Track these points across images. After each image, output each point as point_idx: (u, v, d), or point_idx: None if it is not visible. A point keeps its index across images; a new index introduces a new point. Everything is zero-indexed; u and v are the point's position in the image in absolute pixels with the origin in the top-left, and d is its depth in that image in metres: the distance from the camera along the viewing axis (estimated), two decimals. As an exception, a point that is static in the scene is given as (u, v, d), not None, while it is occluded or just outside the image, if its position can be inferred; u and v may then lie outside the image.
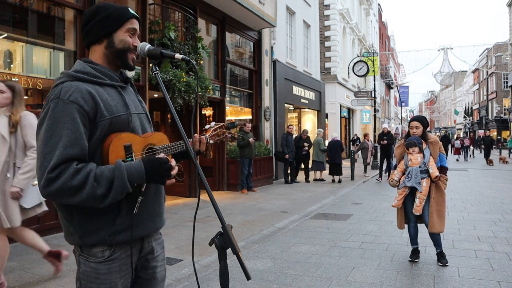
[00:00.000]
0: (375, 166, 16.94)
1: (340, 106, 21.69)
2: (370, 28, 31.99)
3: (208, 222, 6.23)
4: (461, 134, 42.84)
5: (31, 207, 3.39)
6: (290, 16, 15.03)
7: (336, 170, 12.18)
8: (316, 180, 12.50)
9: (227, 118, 10.40)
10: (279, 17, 12.80)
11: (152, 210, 1.58)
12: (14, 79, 5.50)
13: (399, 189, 4.32)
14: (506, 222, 6.27)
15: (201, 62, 8.96)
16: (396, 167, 4.49)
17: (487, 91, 48.93)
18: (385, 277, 3.91)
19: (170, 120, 9.40)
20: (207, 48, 8.98)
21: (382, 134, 12.91)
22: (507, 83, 41.02)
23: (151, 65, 1.60)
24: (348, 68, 21.95)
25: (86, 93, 1.40)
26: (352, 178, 12.74)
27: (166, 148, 1.59)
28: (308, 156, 12.55)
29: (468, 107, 61.71)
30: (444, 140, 24.84)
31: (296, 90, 14.95)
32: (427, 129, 4.51)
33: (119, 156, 1.43)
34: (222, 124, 1.90)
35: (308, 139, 12.42)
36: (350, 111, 24.89)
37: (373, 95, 19.11)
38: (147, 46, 1.56)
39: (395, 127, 40.77)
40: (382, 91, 37.38)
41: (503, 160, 20.61)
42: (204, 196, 2.42)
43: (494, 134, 37.87)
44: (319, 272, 4.08)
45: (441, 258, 4.23)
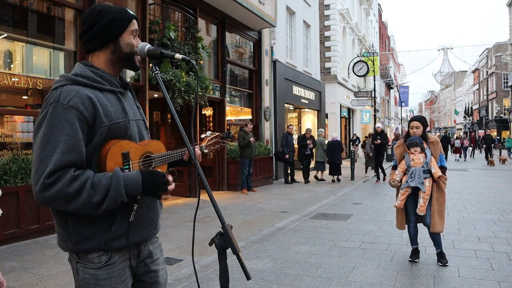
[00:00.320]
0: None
1: (340, 106, 21.69)
2: (370, 28, 31.99)
3: (208, 222, 6.23)
4: (461, 134, 42.84)
5: None
6: (290, 16, 15.03)
7: (335, 170, 12.26)
8: (318, 179, 12.51)
9: (227, 118, 10.41)
10: (279, 17, 12.80)
11: (147, 217, 1.57)
12: (14, 79, 5.51)
13: (401, 189, 4.30)
14: (506, 222, 6.27)
15: (201, 62, 8.96)
16: (395, 167, 4.48)
17: (487, 91, 48.94)
18: (385, 277, 3.91)
19: (170, 120, 9.40)
20: (207, 48, 8.98)
21: (376, 133, 12.59)
22: (507, 83, 41.01)
23: (151, 65, 1.59)
24: (348, 68, 21.96)
25: (86, 98, 1.38)
26: (352, 178, 12.74)
27: (163, 157, 1.59)
28: (311, 156, 12.35)
29: (468, 107, 61.71)
30: (444, 140, 24.85)
31: (296, 90, 14.96)
32: (427, 129, 4.51)
33: (117, 164, 1.42)
34: (218, 134, 1.93)
35: (312, 139, 12.14)
36: (350, 111, 24.88)
37: (373, 95, 19.12)
38: (147, 46, 1.55)
39: (395, 127, 40.77)
40: (382, 91, 37.38)
41: (503, 160, 20.61)
42: (204, 196, 2.42)
43: (494, 134, 37.85)
44: (319, 272, 4.08)
45: (441, 258, 4.23)
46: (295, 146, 12.58)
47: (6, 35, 5.62)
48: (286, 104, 14.31)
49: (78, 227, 1.40)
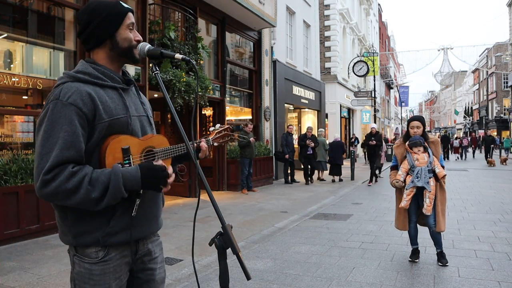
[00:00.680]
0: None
1: (340, 106, 21.70)
2: (370, 28, 31.99)
3: (208, 222, 6.23)
4: (461, 134, 42.81)
5: None
6: (290, 16, 15.03)
7: (336, 170, 12.30)
8: (319, 179, 12.50)
9: (227, 118, 10.41)
10: (279, 17, 12.80)
11: (149, 213, 1.57)
12: (14, 79, 5.51)
13: (406, 189, 4.27)
14: (506, 222, 6.27)
15: (201, 62, 8.96)
16: (395, 168, 4.47)
17: (487, 91, 48.93)
18: (385, 277, 3.91)
19: (170, 120, 9.40)
20: (207, 48, 8.98)
21: (370, 135, 12.05)
22: (507, 83, 41.00)
23: (151, 65, 1.59)
24: (348, 68, 21.96)
25: (86, 95, 1.40)
26: (352, 178, 12.74)
27: (166, 151, 1.57)
28: (314, 156, 11.93)
29: (468, 107, 61.70)
30: (444, 140, 24.85)
31: (296, 90, 14.96)
32: (426, 129, 4.52)
33: (116, 159, 1.42)
34: (228, 127, 1.87)
35: (313, 138, 11.74)
36: (350, 111, 24.89)
37: (373, 95, 19.12)
38: (147, 46, 1.55)
39: (395, 127, 40.75)
40: (382, 91, 37.38)
41: (504, 160, 20.57)
42: (204, 196, 2.42)
43: (494, 134, 37.82)
44: (319, 272, 4.07)
45: (441, 258, 4.23)
46: (295, 146, 12.53)
47: (6, 35, 5.62)
48: (286, 104, 14.31)
49: (77, 221, 1.42)
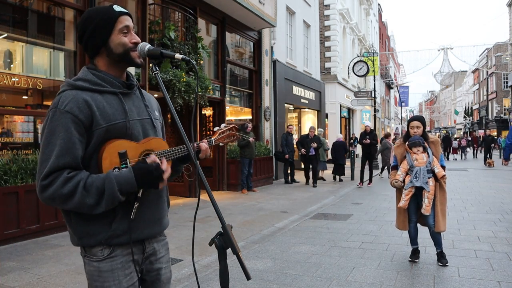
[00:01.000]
0: (375, 166, 16.92)
1: (340, 106, 21.70)
2: (370, 28, 31.99)
3: (208, 222, 6.23)
4: (461, 134, 42.79)
5: None
6: (290, 16, 15.03)
7: (338, 170, 12.43)
8: (319, 179, 12.52)
9: (227, 118, 10.40)
10: (279, 17, 12.80)
11: (150, 215, 1.57)
12: (14, 79, 5.51)
13: (405, 189, 4.28)
14: (506, 222, 6.27)
15: (201, 62, 8.96)
16: (395, 168, 4.48)
17: (487, 91, 48.93)
18: (385, 277, 3.91)
19: (170, 120, 9.40)
20: (207, 48, 8.98)
21: (365, 133, 11.61)
22: (507, 83, 41.00)
23: (151, 65, 1.59)
24: (348, 68, 21.95)
25: (82, 102, 1.43)
26: (352, 178, 12.74)
27: (164, 154, 1.56)
28: (317, 157, 11.45)
29: (468, 107, 61.71)
30: (445, 140, 24.83)
31: (296, 90, 14.96)
32: (426, 129, 4.52)
33: (113, 163, 1.44)
34: (233, 126, 1.85)
35: (317, 139, 11.31)
36: (350, 111, 24.89)
37: (373, 95, 19.10)
38: (147, 46, 1.55)
39: (395, 127, 40.77)
40: (382, 91, 37.38)
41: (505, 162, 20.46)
42: (204, 196, 2.42)
43: (494, 134, 37.82)
44: (319, 272, 4.07)
45: (441, 258, 4.23)
46: (295, 147, 12.51)
47: (6, 35, 5.62)
48: (286, 104, 14.31)
49: (80, 224, 1.47)
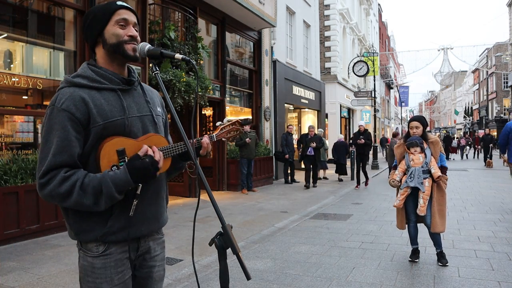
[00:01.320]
0: (375, 166, 16.95)
1: (340, 106, 21.68)
2: (370, 28, 31.98)
3: (208, 222, 6.23)
4: (461, 134, 42.81)
5: None
6: (290, 16, 15.03)
7: (341, 169, 12.71)
8: (320, 179, 12.55)
9: (227, 118, 10.40)
10: (279, 17, 12.80)
11: (148, 212, 1.57)
12: (14, 79, 5.51)
13: (401, 189, 4.31)
14: (506, 222, 6.27)
15: (201, 62, 8.95)
16: (396, 167, 4.49)
17: (487, 91, 48.91)
18: (385, 277, 3.91)
19: (170, 120, 9.37)
20: (207, 48, 8.98)
21: (358, 133, 11.14)
22: (507, 83, 40.98)
23: (151, 65, 1.59)
24: (348, 68, 21.94)
25: (79, 100, 1.43)
26: (352, 178, 12.73)
27: (163, 151, 1.55)
28: (316, 157, 11.13)
29: (468, 107, 61.68)
30: (446, 140, 24.80)
31: (296, 90, 14.95)
32: (427, 129, 4.52)
33: (112, 161, 1.44)
34: (236, 121, 1.83)
35: (317, 138, 11.00)
36: (350, 111, 24.89)
37: (373, 95, 19.10)
38: (147, 46, 1.55)
39: (395, 127, 40.76)
40: (382, 91, 37.38)
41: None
42: (204, 196, 2.42)
43: (494, 134, 37.82)
44: (319, 272, 4.07)
45: (441, 258, 4.23)
46: (295, 147, 12.53)
47: (6, 35, 5.61)
48: (286, 104, 14.31)
49: (77, 220, 1.48)
